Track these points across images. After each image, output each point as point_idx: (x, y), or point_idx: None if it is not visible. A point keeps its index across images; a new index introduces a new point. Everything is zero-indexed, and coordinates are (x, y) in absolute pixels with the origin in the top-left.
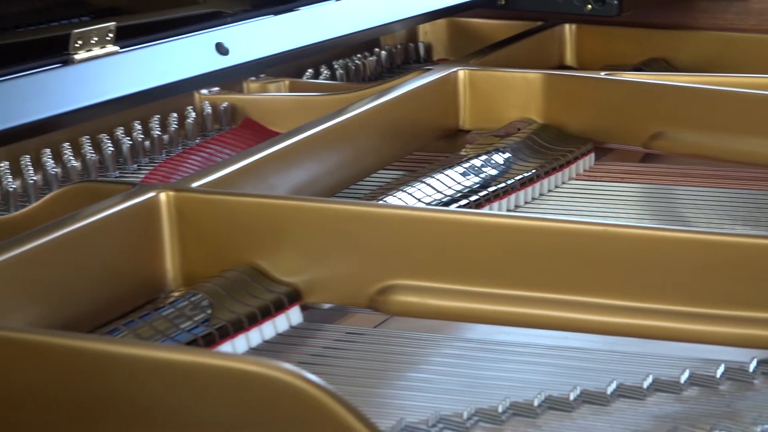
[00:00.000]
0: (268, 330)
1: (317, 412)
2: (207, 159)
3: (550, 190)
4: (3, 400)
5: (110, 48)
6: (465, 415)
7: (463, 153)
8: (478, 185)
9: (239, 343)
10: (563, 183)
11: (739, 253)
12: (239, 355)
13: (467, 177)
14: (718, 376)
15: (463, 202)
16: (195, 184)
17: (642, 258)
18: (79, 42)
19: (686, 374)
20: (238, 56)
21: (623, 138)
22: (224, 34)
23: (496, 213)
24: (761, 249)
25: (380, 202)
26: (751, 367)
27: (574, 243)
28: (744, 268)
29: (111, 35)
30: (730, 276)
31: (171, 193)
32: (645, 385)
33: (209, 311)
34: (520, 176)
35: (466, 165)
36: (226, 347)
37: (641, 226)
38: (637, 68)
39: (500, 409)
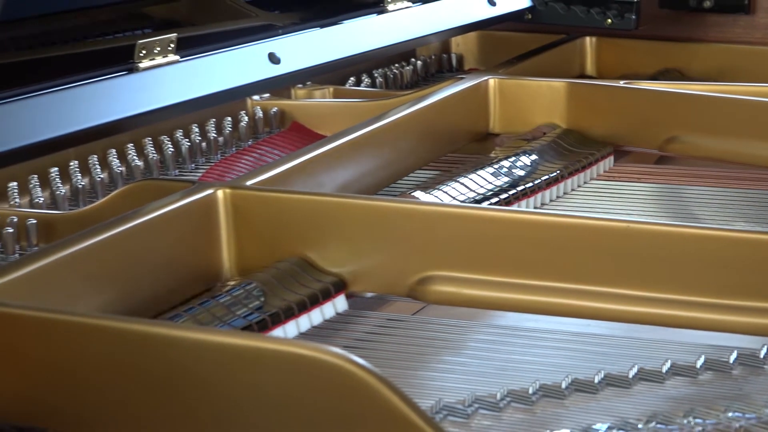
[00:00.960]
0: (316, 316)
1: (364, 393)
2: (258, 159)
3: (573, 189)
4: (74, 381)
5: (171, 57)
6: (498, 396)
7: (492, 155)
8: (507, 184)
9: (290, 329)
10: (585, 183)
11: (749, 249)
12: (293, 340)
13: (497, 177)
14: (731, 361)
15: (494, 200)
16: (249, 182)
17: (660, 252)
18: (143, 52)
19: (702, 360)
20: (288, 65)
21: (640, 142)
22: (276, 45)
23: (526, 210)
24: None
25: (418, 199)
26: (762, 353)
27: (598, 238)
28: (753, 262)
29: (172, 45)
30: (741, 269)
31: (227, 191)
32: (664, 369)
33: (263, 299)
34: (546, 176)
35: (496, 166)
36: (278, 332)
37: (660, 222)
38: (653, 78)
39: (530, 391)
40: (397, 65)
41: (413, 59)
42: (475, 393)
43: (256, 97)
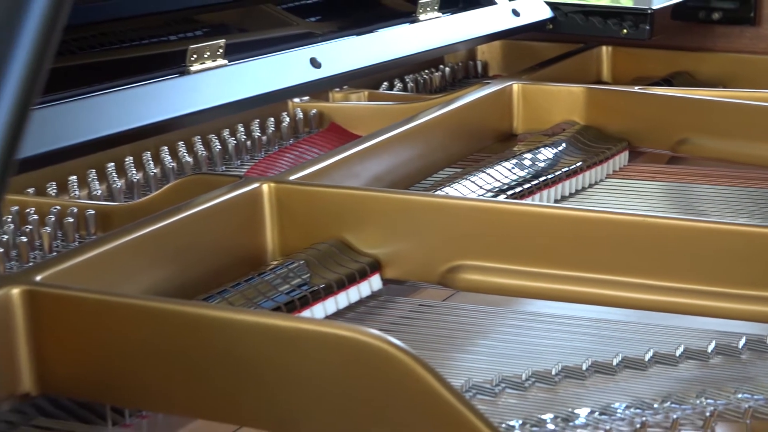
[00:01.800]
0: (353, 294)
1: (401, 372)
2: (298, 156)
3: (591, 185)
4: (128, 359)
5: (220, 61)
6: (524, 377)
7: (516, 149)
8: (530, 175)
9: (329, 305)
10: (601, 180)
11: (757, 242)
12: (336, 323)
13: (521, 169)
14: (740, 346)
15: (517, 189)
16: (292, 177)
17: (673, 245)
18: (194, 56)
19: (712, 345)
20: (328, 69)
21: (653, 143)
22: (317, 50)
23: (549, 204)
24: None
25: (449, 193)
26: None
27: (615, 231)
28: (760, 254)
29: (221, 50)
30: (749, 261)
31: (272, 185)
32: (677, 353)
33: (304, 277)
34: (566, 168)
35: (519, 158)
36: (317, 308)
37: (673, 217)
38: (666, 79)
39: (553, 372)
40: (426, 71)
41: (441, 66)
42: (502, 373)
43: (296, 100)
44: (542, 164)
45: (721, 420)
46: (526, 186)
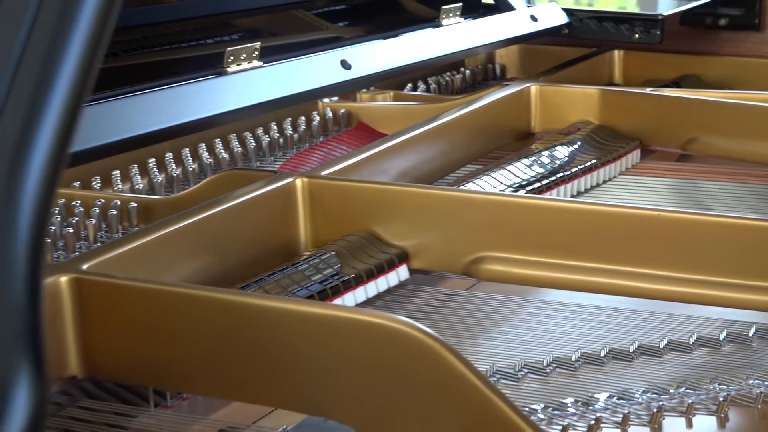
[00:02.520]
0: (382, 284)
1: (431, 356)
2: (328, 153)
3: (605, 181)
4: (170, 343)
5: (256, 63)
6: (545, 362)
7: (534, 147)
8: (547, 172)
9: (359, 294)
10: (615, 177)
11: (763, 235)
12: (369, 310)
13: (540, 166)
14: (750, 335)
15: (536, 185)
16: (324, 173)
17: (685, 237)
18: (231, 58)
19: (724, 333)
20: (358, 71)
21: (663, 142)
22: (348, 52)
23: (566, 199)
24: None
25: (471, 188)
26: None
27: (630, 224)
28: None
29: (256, 53)
30: (759, 253)
31: (305, 180)
32: (690, 341)
33: (335, 267)
34: (582, 166)
35: (537, 156)
36: (348, 297)
37: (685, 211)
38: (675, 81)
39: (573, 358)
40: (448, 73)
41: (462, 68)
42: (524, 359)
43: (326, 100)
44: (559, 161)
45: (734, 405)
46: (544, 182)
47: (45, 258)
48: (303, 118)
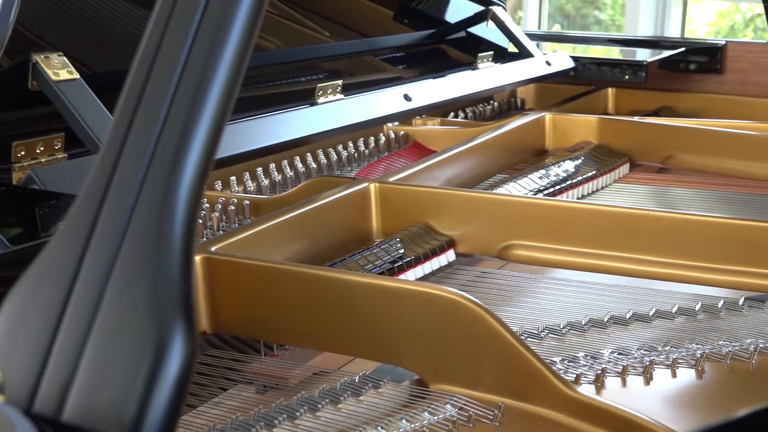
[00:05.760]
0: (435, 264)
1: (477, 320)
2: (391, 164)
3: (602, 187)
4: (276, 307)
5: (338, 96)
6: (561, 325)
7: (548, 161)
8: (558, 180)
9: (417, 272)
10: (609, 184)
11: (728, 230)
12: (427, 283)
13: (553, 175)
14: (719, 306)
15: (550, 190)
16: (390, 179)
17: (664, 230)
18: (320, 92)
19: (699, 305)
20: (417, 102)
21: (647, 158)
22: (408, 88)
23: (574, 200)
24: (743, 229)
25: (501, 191)
26: (741, 301)
27: (622, 220)
28: (732, 239)
29: (339, 88)
30: (724, 243)
31: (376, 184)
32: (673, 310)
33: (400, 251)
34: (584, 175)
35: (550, 168)
36: (410, 274)
37: (663, 210)
38: (655, 111)
39: (583, 322)
40: (481, 105)
41: (492, 101)
42: (545, 323)
43: (389, 124)
44: (567, 172)
45: (708, 361)
46: (556, 188)
47: (195, 241)
48: (372, 137)
